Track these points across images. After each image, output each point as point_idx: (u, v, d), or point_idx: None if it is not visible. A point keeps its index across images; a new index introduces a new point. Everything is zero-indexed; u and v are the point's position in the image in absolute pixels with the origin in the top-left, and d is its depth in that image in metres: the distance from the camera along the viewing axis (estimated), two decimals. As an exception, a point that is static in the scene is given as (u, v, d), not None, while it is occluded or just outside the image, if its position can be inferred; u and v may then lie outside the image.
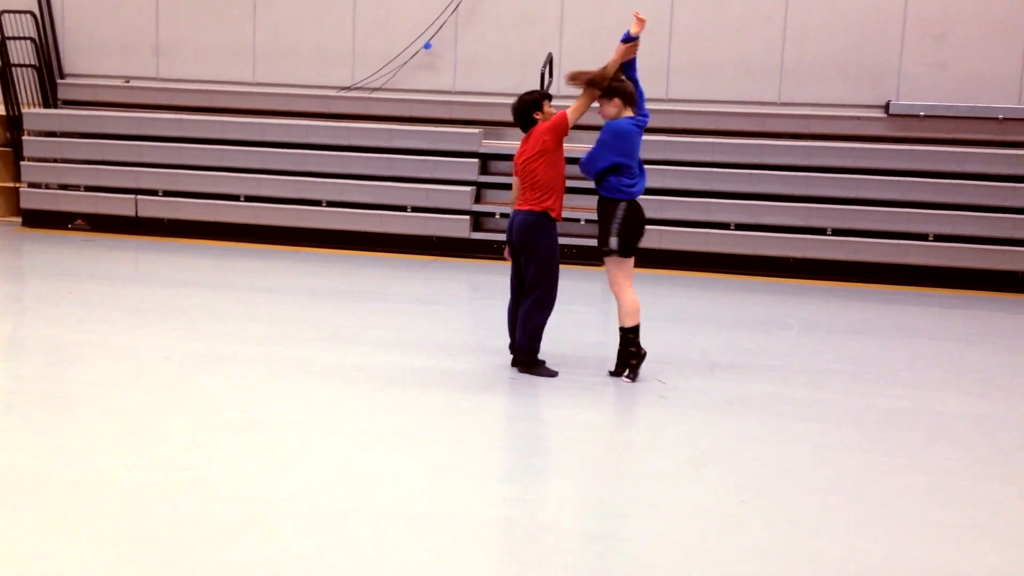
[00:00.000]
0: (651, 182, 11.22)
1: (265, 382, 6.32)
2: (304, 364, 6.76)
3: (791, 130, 11.37)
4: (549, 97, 6.81)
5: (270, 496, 4.51)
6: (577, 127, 6.88)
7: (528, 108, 6.67)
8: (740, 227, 11.03)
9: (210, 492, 4.53)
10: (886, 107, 11.23)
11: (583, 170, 6.71)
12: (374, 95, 12.17)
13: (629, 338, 6.63)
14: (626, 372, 6.65)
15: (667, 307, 9.44)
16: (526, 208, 6.59)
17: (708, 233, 11.06)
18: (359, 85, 12.25)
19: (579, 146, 9.71)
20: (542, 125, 6.62)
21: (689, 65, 11.71)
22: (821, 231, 10.88)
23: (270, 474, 4.80)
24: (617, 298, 6.68)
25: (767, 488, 4.88)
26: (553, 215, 6.61)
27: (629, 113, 6.66)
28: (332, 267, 10.77)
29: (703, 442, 5.54)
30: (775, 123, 11.39)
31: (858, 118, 11.25)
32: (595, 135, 6.69)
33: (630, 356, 6.64)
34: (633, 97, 6.63)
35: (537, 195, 6.57)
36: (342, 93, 12.24)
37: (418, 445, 5.29)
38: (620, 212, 6.54)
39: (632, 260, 6.71)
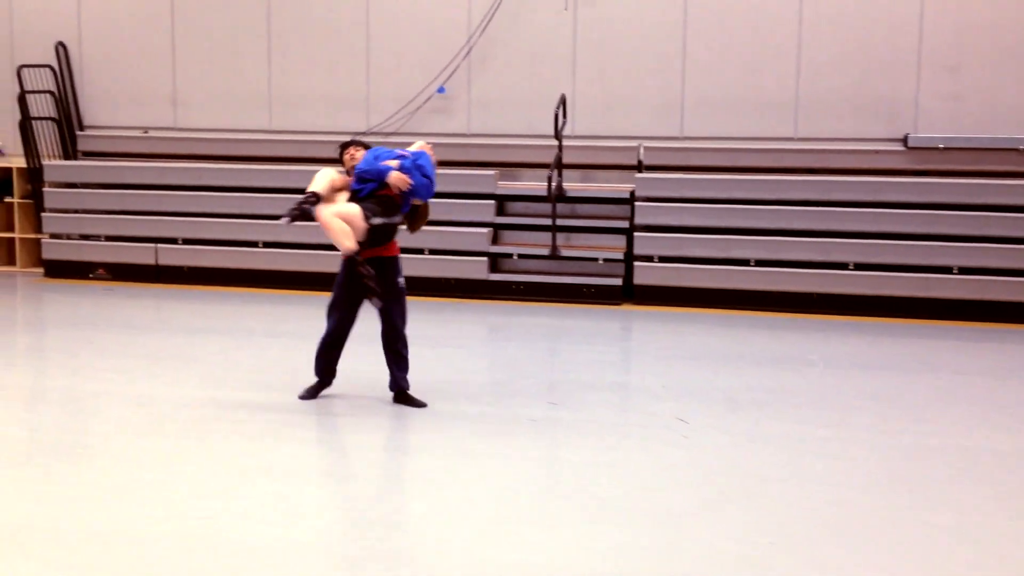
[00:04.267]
0: (669, 219, 11.23)
1: (281, 429, 6.27)
2: (321, 409, 6.72)
3: (808, 165, 11.32)
4: (357, 144, 7.09)
5: (285, 544, 4.46)
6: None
7: (340, 150, 7.14)
8: (760, 263, 10.95)
9: (225, 540, 4.48)
10: (904, 140, 11.17)
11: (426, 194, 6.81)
12: (389, 140, 12.21)
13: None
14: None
15: (688, 345, 9.36)
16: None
17: (727, 270, 10.99)
18: (374, 130, 12.31)
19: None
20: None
21: (703, 102, 11.71)
22: (843, 266, 10.78)
23: (286, 521, 4.74)
24: None
25: (789, 529, 4.78)
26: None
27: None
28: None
29: (724, 481, 5.44)
30: (791, 158, 11.35)
31: (876, 152, 11.19)
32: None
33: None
34: None
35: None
36: (357, 139, 12.27)
37: (440, 488, 5.22)
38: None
39: None
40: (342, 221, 6.49)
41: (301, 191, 11.78)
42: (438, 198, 11.57)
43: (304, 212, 6.62)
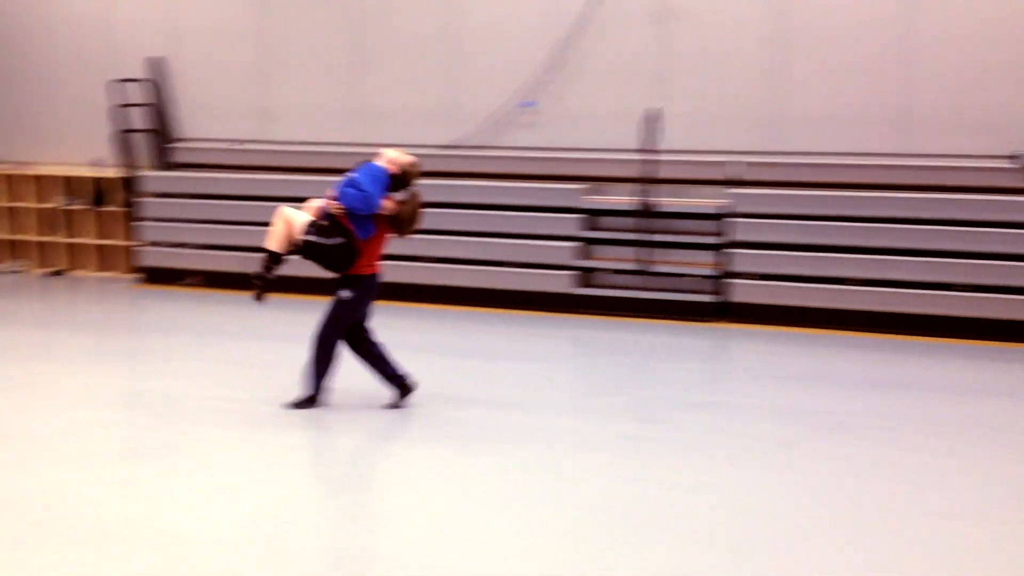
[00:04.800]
0: (763, 236, 10.89)
1: (371, 440, 6.17)
2: (410, 421, 6.60)
3: (912, 182, 10.87)
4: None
5: (372, 553, 4.32)
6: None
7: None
8: (861, 282, 10.55)
9: (309, 547, 4.36)
10: (1015, 157, 10.66)
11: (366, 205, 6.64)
12: (475, 152, 12.14)
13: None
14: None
15: (786, 365, 9.04)
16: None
17: (826, 289, 10.61)
18: (460, 143, 12.24)
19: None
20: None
21: (801, 116, 11.36)
22: (947, 286, 10.32)
23: (372, 531, 4.61)
24: None
25: (887, 558, 4.47)
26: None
27: None
28: (432, 323, 10.68)
29: (831, 509, 5.15)
30: (896, 175, 10.91)
31: (986, 169, 10.70)
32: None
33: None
34: None
35: None
36: (444, 151, 12.24)
37: (531, 506, 5.04)
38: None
39: None
40: (286, 224, 6.66)
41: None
42: (522, 211, 11.56)
43: (267, 280, 6.78)
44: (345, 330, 6.87)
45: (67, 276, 13.30)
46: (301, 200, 11.92)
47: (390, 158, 6.93)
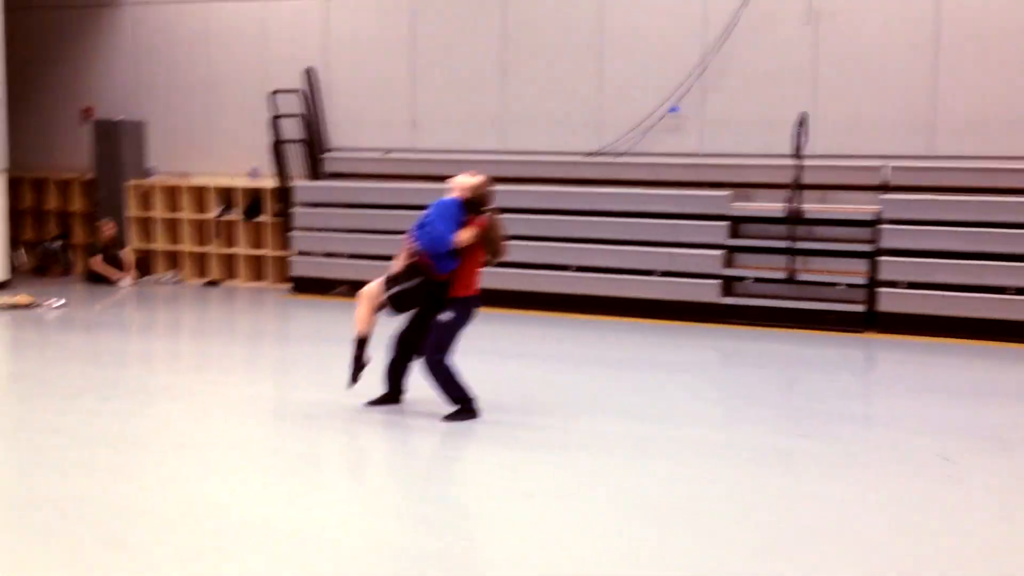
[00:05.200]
0: (917, 243, 10.59)
1: (530, 452, 6.27)
2: (566, 435, 6.68)
3: (1075, 186, 10.43)
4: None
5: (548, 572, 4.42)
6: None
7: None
8: (1015, 291, 10.16)
9: (482, 561, 4.49)
10: None
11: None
12: (620, 160, 12.17)
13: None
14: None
15: (941, 377, 8.80)
16: None
17: (981, 298, 10.26)
18: (605, 150, 12.29)
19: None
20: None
21: (956, 119, 11.01)
22: (1115, 295, 9.85)
23: (546, 546, 4.71)
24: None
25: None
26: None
27: None
28: (580, 332, 10.75)
29: (1006, 528, 5.01)
30: (1055, 179, 10.49)
31: None
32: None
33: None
34: None
35: None
36: (588, 159, 12.32)
37: (702, 520, 5.07)
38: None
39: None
40: (366, 302, 6.96)
41: (532, 211, 12.00)
42: (667, 219, 11.53)
43: (362, 366, 7.01)
44: (445, 350, 6.90)
45: (222, 287, 13.88)
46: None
47: (459, 185, 7.01)
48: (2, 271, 12.92)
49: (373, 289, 6.97)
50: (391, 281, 6.89)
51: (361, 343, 6.96)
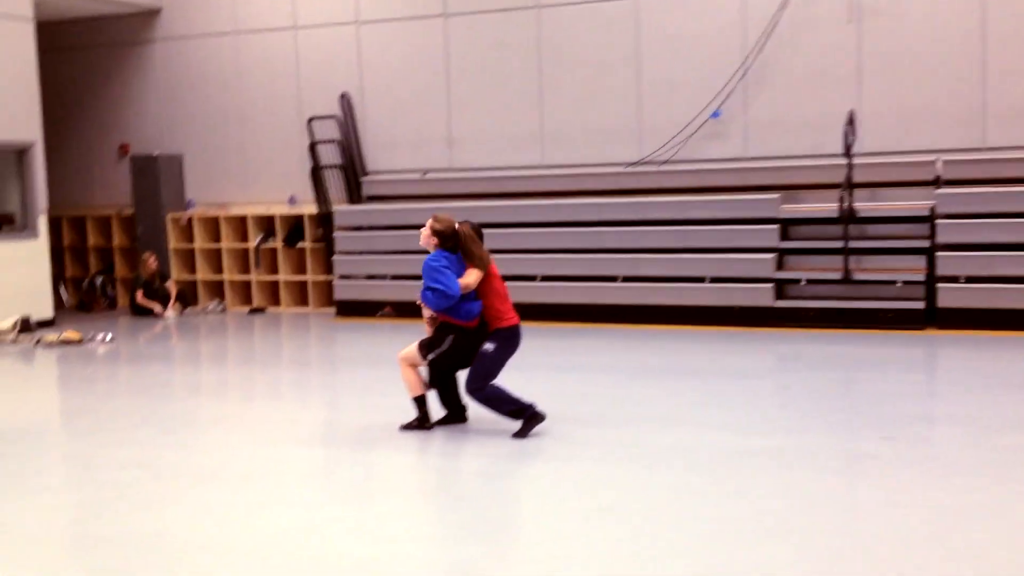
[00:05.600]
0: (975, 237, 10.38)
1: (611, 466, 6.13)
2: (638, 447, 6.53)
3: None
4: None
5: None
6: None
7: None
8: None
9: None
10: None
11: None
12: (663, 168, 12.04)
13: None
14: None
15: (1011, 373, 8.56)
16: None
17: (1040, 289, 10.05)
18: (647, 160, 12.16)
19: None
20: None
21: (1007, 110, 10.81)
22: None
23: (643, 566, 4.56)
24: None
25: None
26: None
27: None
28: (635, 343, 10.60)
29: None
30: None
31: None
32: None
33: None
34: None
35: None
36: (630, 169, 12.19)
37: (787, 534, 4.90)
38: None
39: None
40: (407, 367, 6.93)
41: (576, 224, 11.87)
42: (716, 224, 11.37)
43: (429, 424, 7.02)
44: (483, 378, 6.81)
45: (267, 313, 13.84)
46: (489, 225, 11.88)
47: (426, 236, 6.90)
48: (49, 309, 12.91)
49: (411, 352, 6.93)
50: (425, 348, 6.87)
51: (420, 401, 6.95)
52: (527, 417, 6.76)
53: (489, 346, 6.80)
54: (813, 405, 7.65)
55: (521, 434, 6.72)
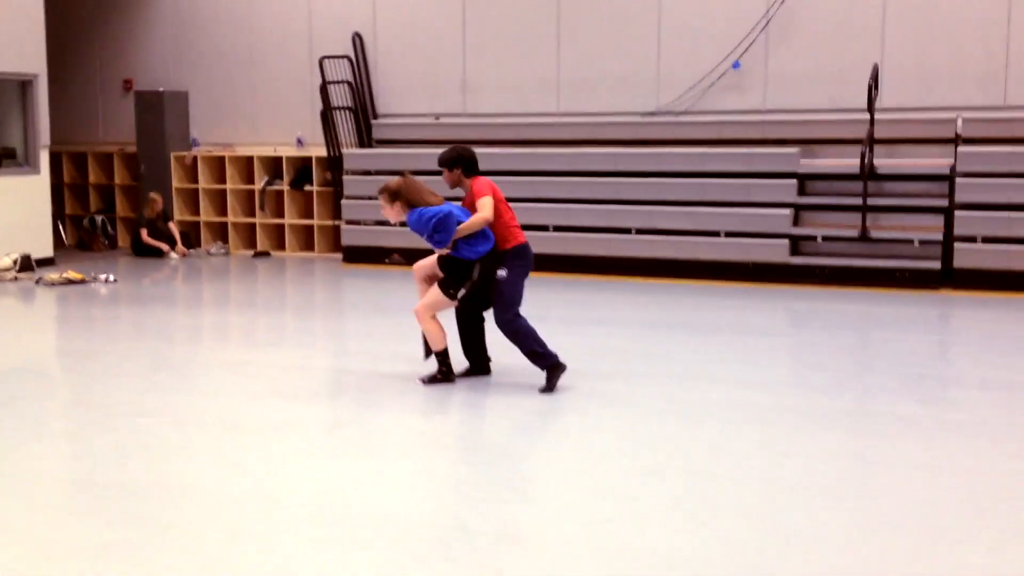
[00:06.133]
0: (994, 197, 10.27)
1: (646, 423, 6.05)
2: (672, 404, 6.46)
3: None
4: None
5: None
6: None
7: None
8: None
9: (628, 548, 4.27)
10: None
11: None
12: (680, 119, 11.86)
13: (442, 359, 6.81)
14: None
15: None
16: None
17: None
18: (665, 110, 11.97)
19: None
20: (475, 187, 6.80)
21: (1032, 68, 10.65)
22: None
23: (700, 530, 4.49)
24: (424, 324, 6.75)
25: None
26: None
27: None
28: (650, 296, 10.50)
29: None
30: None
31: None
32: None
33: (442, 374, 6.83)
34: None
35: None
36: (648, 119, 12.00)
37: (835, 501, 4.83)
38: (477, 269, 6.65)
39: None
40: (428, 320, 6.72)
41: (592, 174, 11.70)
42: (733, 178, 11.22)
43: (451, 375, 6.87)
44: (509, 307, 6.67)
45: (272, 258, 13.68)
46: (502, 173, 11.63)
47: (388, 209, 6.74)
48: (49, 247, 12.72)
49: (433, 300, 6.71)
50: (452, 286, 6.64)
51: (443, 355, 6.79)
52: (551, 367, 6.65)
53: (502, 272, 6.64)
54: (841, 364, 7.59)
55: (548, 388, 6.62)
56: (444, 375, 6.85)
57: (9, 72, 12.26)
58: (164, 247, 13.37)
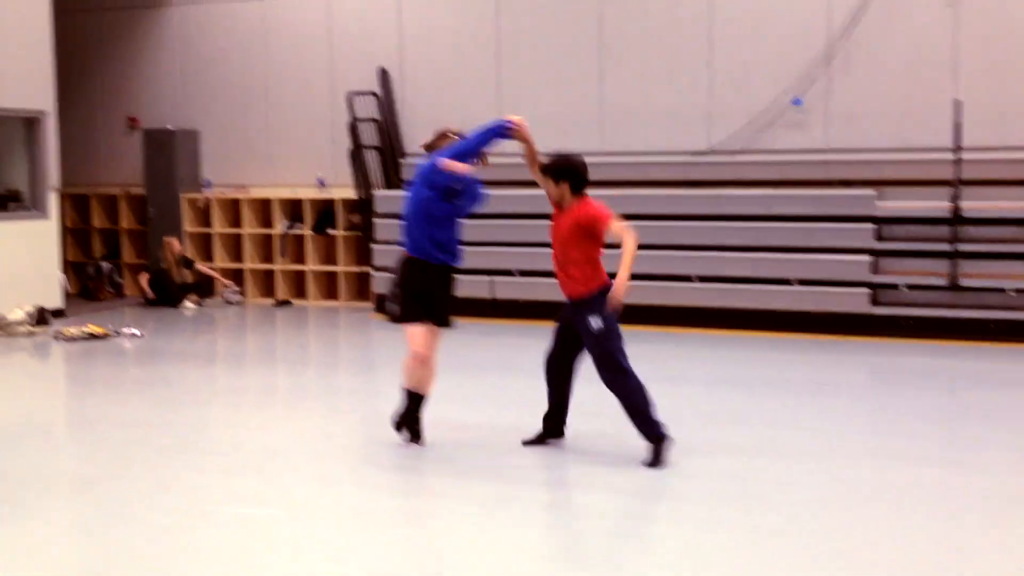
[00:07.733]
0: None
1: (730, 509, 5.20)
2: (758, 484, 5.61)
3: None
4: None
5: None
6: None
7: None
8: None
9: None
10: None
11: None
12: (736, 158, 11.10)
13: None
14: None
15: None
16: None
17: None
18: (716, 148, 11.22)
19: None
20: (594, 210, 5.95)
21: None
22: None
23: None
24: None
25: None
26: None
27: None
28: (712, 350, 9.71)
29: None
30: None
31: None
32: None
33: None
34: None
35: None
36: (699, 158, 11.24)
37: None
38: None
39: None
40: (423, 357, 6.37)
41: (640, 217, 10.89)
42: (801, 221, 10.42)
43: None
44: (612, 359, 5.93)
45: (293, 307, 12.78)
46: (541, 216, 10.80)
47: (450, 164, 6.18)
48: (58, 297, 11.75)
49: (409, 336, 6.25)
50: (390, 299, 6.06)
51: (414, 400, 6.30)
52: (660, 437, 5.81)
53: (595, 321, 5.87)
54: (935, 428, 6.88)
55: (655, 462, 5.79)
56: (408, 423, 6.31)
57: (14, 109, 11.35)
58: (149, 293, 12.55)
